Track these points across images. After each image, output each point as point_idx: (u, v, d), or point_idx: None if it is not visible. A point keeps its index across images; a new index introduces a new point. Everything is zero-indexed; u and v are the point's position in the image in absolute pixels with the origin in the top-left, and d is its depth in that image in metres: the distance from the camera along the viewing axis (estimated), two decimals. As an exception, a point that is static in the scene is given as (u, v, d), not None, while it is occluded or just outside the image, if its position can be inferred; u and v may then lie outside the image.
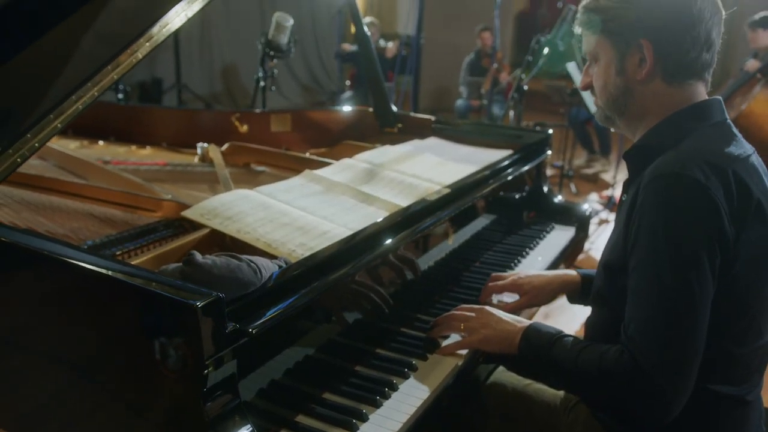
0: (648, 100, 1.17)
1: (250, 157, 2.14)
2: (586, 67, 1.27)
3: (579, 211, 2.22)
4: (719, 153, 1.08)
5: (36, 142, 1.14)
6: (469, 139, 2.26)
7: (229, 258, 0.98)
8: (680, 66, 1.13)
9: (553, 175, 5.38)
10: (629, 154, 1.22)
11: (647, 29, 1.12)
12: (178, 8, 1.36)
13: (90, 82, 1.20)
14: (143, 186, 1.67)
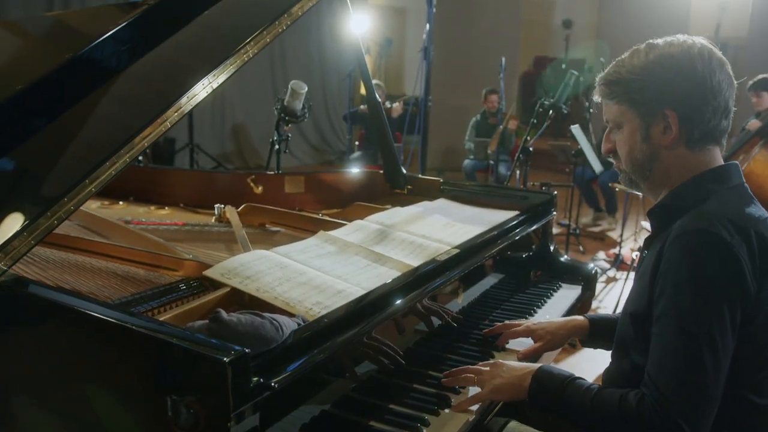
0: (672, 165, 1.25)
1: (266, 218, 2.21)
2: (606, 133, 1.36)
3: (585, 270, 2.27)
4: (741, 214, 1.16)
5: (72, 205, 1.21)
6: (477, 200, 2.33)
7: (254, 316, 1.04)
8: (703, 133, 1.22)
9: (560, 234, 5.44)
10: (653, 212, 1.31)
11: (671, 100, 1.21)
12: (204, 81, 1.46)
13: (123, 149, 1.29)
14: (164, 245, 1.74)
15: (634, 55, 1.27)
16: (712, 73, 1.19)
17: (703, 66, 1.20)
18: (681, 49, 1.22)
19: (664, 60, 1.22)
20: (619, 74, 1.26)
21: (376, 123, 2.46)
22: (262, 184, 2.51)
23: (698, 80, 1.19)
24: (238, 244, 1.93)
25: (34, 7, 7.43)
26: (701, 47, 1.22)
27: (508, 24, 8.94)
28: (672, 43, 1.24)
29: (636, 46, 1.29)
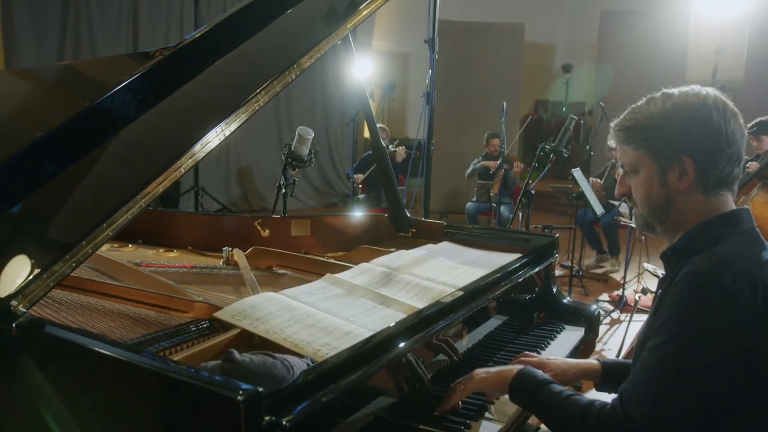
0: (688, 209, 1.30)
1: (273, 261, 2.26)
2: (621, 177, 1.40)
3: (588, 311, 2.29)
4: (747, 258, 1.21)
5: (89, 248, 1.26)
6: (480, 242, 2.37)
7: (265, 356, 1.07)
8: (717, 180, 1.27)
9: (563, 275, 5.45)
10: (666, 254, 1.36)
11: (689, 147, 1.26)
12: (217, 129, 1.52)
13: (139, 194, 1.34)
14: (175, 288, 1.77)
15: (650, 102, 1.32)
16: (727, 123, 1.26)
17: (718, 116, 1.25)
18: (697, 99, 1.28)
19: (681, 109, 1.27)
20: (637, 120, 1.32)
21: (381, 168, 2.52)
22: (269, 227, 2.56)
23: (714, 130, 1.25)
24: (246, 287, 1.97)
25: (47, 54, 7.62)
26: (716, 98, 1.28)
27: (509, 68, 9.11)
28: (688, 93, 1.30)
29: (651, 95, 1.35)
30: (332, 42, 1.86)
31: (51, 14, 7.59)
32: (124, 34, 8.20)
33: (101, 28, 7.98)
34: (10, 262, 1.26)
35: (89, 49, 7.90)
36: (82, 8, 7.79)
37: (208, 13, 8.70)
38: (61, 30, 7.71)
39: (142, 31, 8.30)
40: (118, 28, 8.13)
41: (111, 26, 8.07)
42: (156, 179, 1.38)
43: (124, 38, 8.21)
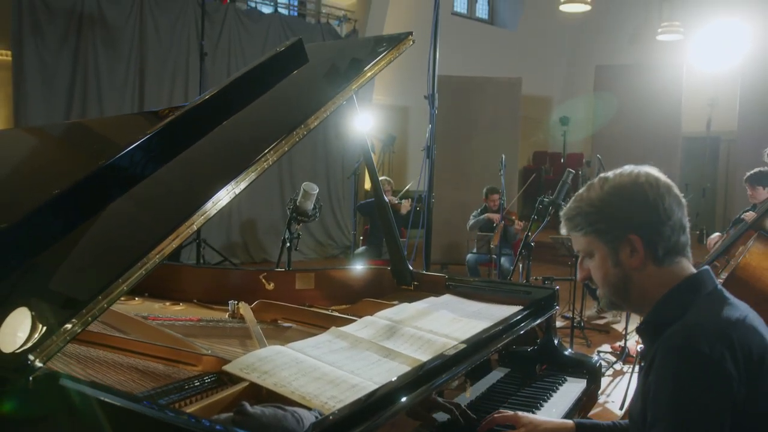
0: (646, 283, 1.35)
1: (278, 314, 2.29)
2: (579, 262, 1.46)
3: (589, 363, 2.32)
4: (719, 321, 1.23)
5: (105, 302, 1.30)
6: (482, 295, 2.41)
7: (276, 408, 1.11)
8: (666, 251, 1.33)
9: (564, 327, 5.45)
10: (640, 329, 1.40)
11: (632, 226, 1.32)
12: (228, 187, 1.58)
13: (153, 250, 1.39)
14: (183, 341, 1.81)
15: (590, 188, 1.40)
16: (662, 197, 1.32)
17: (653, 192, 1.32)
18: (630, 179, 1.35)
19: (617, 190, 1.35)
20: (580, 208, 1.39)
21: (384, 222, 2.58)
22: (274, 280, 2.60)
23: (651, 206, 1.32)
24: (252, 340, 2.00)
25: (55, 106, 7.79)
26: (647, 176, 1.36)
27: (507, 121, 9.29)
28: (622, 174, 1.37)
29: (590, 181, 1.43)
30: (338, 102, 1.95)
31: (61, 68, 7.80)
32: (130, 89, 8.39)
33: (108, 83, 8.18)
34: (27, 317, 1.30)
35: (96, 103, 8.09)
36: (91, 63, 8.00)
37: (213, 69, 8.93)
38: (70, 83, 7.90)
39: (148, 86, 8.50)
40: (124, 83, 8.33)
41: (118, 81, 8.27)
42: (169, 236, 1.44)
43: (130, 92, 8.41)
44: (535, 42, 13.36)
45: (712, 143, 11.30)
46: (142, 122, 2.85)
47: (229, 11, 9.18)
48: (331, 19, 10.49)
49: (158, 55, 8.57)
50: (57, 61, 7.80)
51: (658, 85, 10.01)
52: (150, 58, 8.50)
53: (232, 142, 1.87)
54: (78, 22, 7.87)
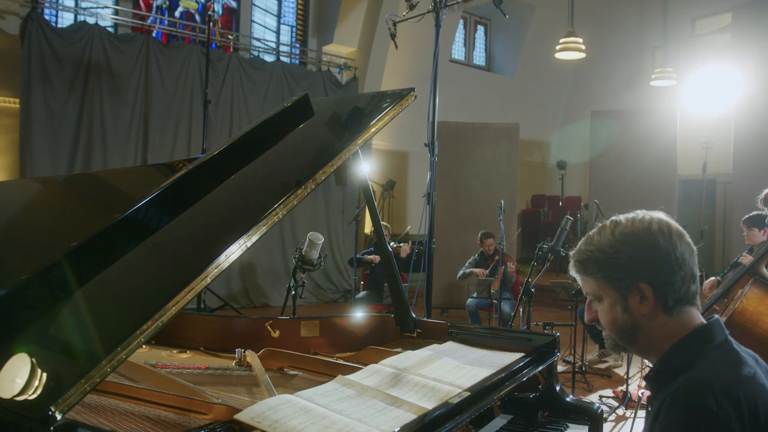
0: (655, 331, 1.35)
1: (284, 362, 2.33)
2: (588, 304, 1.46)
3: (591, 409, 2.34)
4: (728, 377, 1.23)
5: (124, 354, 1.36)
6: (483, 342, 2.46)
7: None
8: (676, 300, 1.32)
9: (566, 371, 5.46)
10: (649, 377, 1.39)
11: (643, 274, 1.32)
12: (240, 241, 1.65)
13: (170, 302, 1.45)
14: (193, 389, 1.85)
15: (601, 232, 1.39)
16: (674, 246, 1.33)
17: (665, 241, 1.33)
18: (642, 226, 1.35)
19: (629, 237, 1.34)
20: (590, 252, 1.38)
21: (387, 271, 2.64)
22: (279, 328, 2.65)
23: (663, 255, 1.32)
24: (259, 388, 2.04)
25: (60, 152, 7.92)
26: (659, 222, 1.36)
27: (505, 166, 9.42)
28: (634, 220, 1.37)
29: (602, 223, 1.42)
30: (344, 157, 2.03)
31: (67, 115, 7.96)
32: (134, 135, 8.55)
33: (113, 129, 8.34)
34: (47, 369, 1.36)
35: (101, 149, 8.23)
36: (96, 110, 8.17)
37: (216, 115, 9.11)
38: (76, 130, 8.06)
39: (152, 133, 8.65)
40: (129, 129, 8.49)
41: (122, 127, 8.43)
42: (185, 288, 1.50)
43: (134, 139, 8.55)
44: (533, 88, 13.63)
45: (709, 185, 11.43)
46: (155, 174, 2.93)
47: (232, 60, 9.41)
48: (332, 67, 10.73)
49: (162, 103, 8.75)
50: (64, 108, 7.98)
51: (654, 129, 10.19)
52: (154, 106, 8.68)
53: (243, 195, 1.95)
54: (85, 71, 8.07)
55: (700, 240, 11.14)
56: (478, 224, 8.10)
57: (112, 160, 8.33)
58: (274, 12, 10.81)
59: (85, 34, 8.06)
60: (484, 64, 14.07)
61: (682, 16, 12.40)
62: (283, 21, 10.92)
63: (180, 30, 9.66)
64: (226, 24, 10.35)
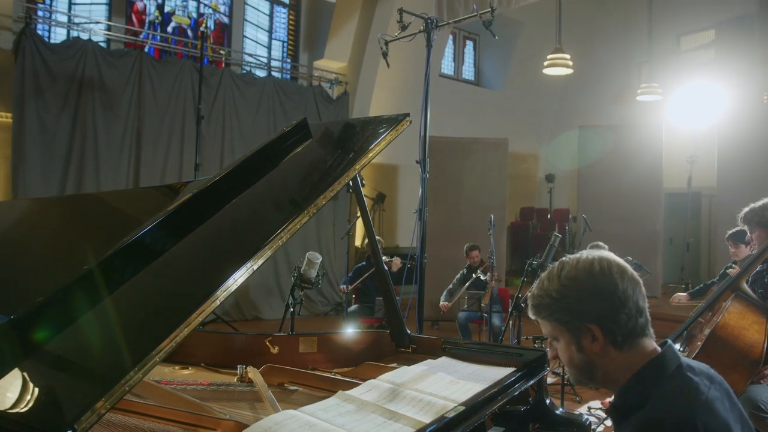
0: (609, 367, 1.43)
1: (285, 378, 2.42)
2: (549, 343, 1.55)
3: (579, 421, 2.44)
4: (681, 408, 1.31)
5: (140, 374, 1.44)
6: (476, 357, 2.55)
7: (302, 470, 1.24)
8: (625, 335, 1.41)
9: (555, 383, 5.55)
10: (609, 411, 1.49)
11: (589, 316, 1.41)
12: (247, 264, 1.74)
13: (184, 323, 1.54)
14: (200, 405, 1.93)
15: (550, 277, 1.47)
16: (615, 286, 1.40)
17: (606, 282, 1.40)
18: (584, 268, 1.43)
19: (573, 282, 1.42)
20: (541, 297, 1.47)
21: (382, 287, 2.73)
22: (278, 344, 2.73)
23: (606, 296, 1.40)
24: (262, 403, 2.12)
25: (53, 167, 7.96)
26: (600, 262, 1.42)
27: (494, 180, 9.56)
28: (577, 262, 1.45)
29: (551, 266, 1.50)
30: (344, 182, 2.13)
31: (60, 129, 8.00)
32: (127, 150, 8.59)
33: (106, 144, 8.37)
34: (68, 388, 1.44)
35: (93, 163, 8.26)
36: (90, 125, 8.21)
37: (208, 130, 9.18)
38: (68, 145, 8.09)
39: (145, 147, 8.70)
40: (121, 144, 8.52)
41: (115, 142, 8.47)
42: (197, 310, 1.59)
43: (127, 153, 8.59)
44: (521, 102, 13.82)
45: (694, 198, 11.63)
46: (158, 197, 3.01)
47: (224, 75, 9.50)
48: (323, 82, 10.85)
49: (155, 118, 8.81)
50: (56, 123, 8.02)
51: (640, 143, 10.40)
52: (147, 121, 8.73)
53: (248, 220, 2.04)
54: (78, 86, 8.12)
55: (686, 252, 11.34)
56: (468, 237, 8.21)
57: (105, 174, 8.37)
58: (266, 27, 10.93)
59: (78, 50, 8.12)
60: (473, 78, 14.26)
61: (667, 33, 12.64)
62: (275, 36, 11.04)
63: (172, 45, 9.75)
64: (218, 39, 10.45)
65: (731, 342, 3.17)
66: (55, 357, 1.60)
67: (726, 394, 1.41)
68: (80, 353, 1.60)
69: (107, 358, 1.57)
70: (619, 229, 9.39)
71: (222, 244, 1.99)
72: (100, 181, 8.30)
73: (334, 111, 10.66)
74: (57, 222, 2.66)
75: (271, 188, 2.27)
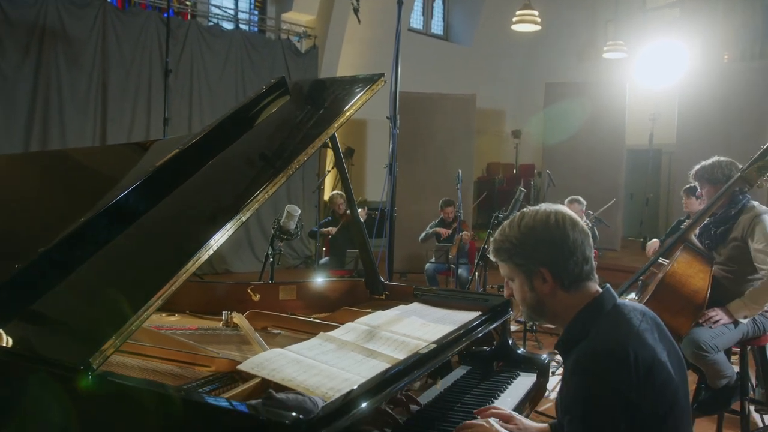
0: (557, 305, 1.67)
1: (268, 322, 2.59)
2: (506, 282, 1.77)
3: (539, 360, 2.67)
4: (615, 339, 1.54)
5: (145, 314, 1.59)
6: (445, 303, 2.75)
7: (297, 394, 1.41)
8: (572, 279, 1.63)
9: (518, 330, 5.85)
10: (558, 345, 1.72)
11: (541, 260, 1.63)
12: (238, 216, 1.88)
13: (182, 269, 1.69)
14: (194, 346, 2.09)
15: (511, 225, 1.68)
16: (567, 236, 1.61)
17: (559, 232, 1.61)
18: (541, 219, 1.64)
19: (530, 231, 1.63)
20: (502, 242, 1.68)
21: (357, 238, 2.90)
22: (259, 292, 2.89)
23: (558, 244, 1.61)
24: (248, 345, 2.29)
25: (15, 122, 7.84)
26: (556, 215, 1.64)
27: (462, 135, 9.74)
28: (536, 213, 1.66)
29: (513, 216, 1.71)
30: (324, 139, 2.26)
31: (21, 81, 7.85)
32: (92, 103, 8.47)
33: (70, 97, 8.25)
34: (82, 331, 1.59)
35: (58, 117, 8.15)
36: (53, 77, 8.07)
37: (176, 84, 9.07)
38: (31, 97, 7.95)
39: (111, 101, 8.59)
40: (86, 97, 8.40)
41: (80, 95, 8.34)
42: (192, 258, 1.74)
43: (93, 107, 8.48)
44: (489, 58, 13.90)
45: (654, 155, 11.98)
46: (129, 154, 3.10)
47: (191, 27, 9.37)
48: (291, 35, 10.77)
49: (121, 71, 8.68)
50: (17, 74, 7.85)
51: (605, 101, 10.65)
52: (113, 74, 8.60)
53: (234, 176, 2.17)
54: (40, 36, 7.95)
55: (645, 207, 11.75)
56: (436, 192, 8.42)
57: (71, 128, 8.27)
58: (233, -22, 10.76)
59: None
60: (441, 33, 14.25)
61: (634, -11, 12.79)
62: (242, -13, 10.87)
63: (137, -5, 9.55)
64: (184, -11, 10.25)
65: (679, 289, 3.43)
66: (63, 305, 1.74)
67: (656, 327, 1.64)
68: (87, 300, 1.74)
69: (113, 303, 1.71)
70: (582, 185, 9.67)
71: (212, 199, 2.12)
72: (66, 136, 8.21)
73: (303, 65, 10.62)
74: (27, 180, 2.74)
75: (254, 146, 2.40)
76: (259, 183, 2.05)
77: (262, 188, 2.01)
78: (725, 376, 3.44)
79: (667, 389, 1.54)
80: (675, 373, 1.57)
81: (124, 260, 1.90)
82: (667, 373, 1.55)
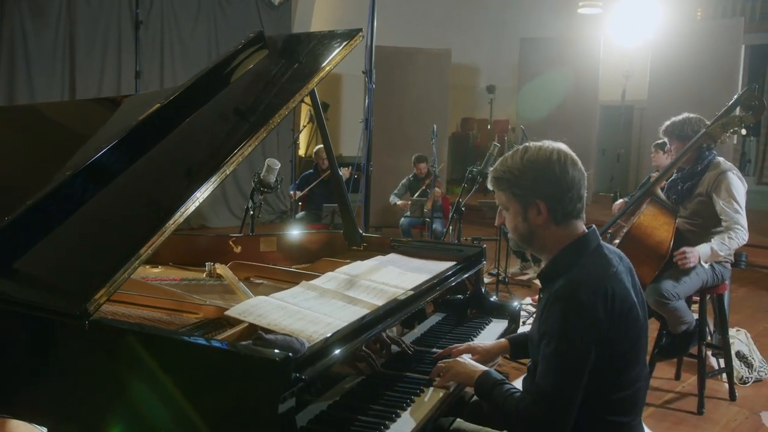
0: (546, 237, 1.76)
1: (250, 273, 2.67)
2: (499, 211, 1.87)
3: (510, 307, 2.80)
4: (597, 276, 1.66)
5: (137, 263, 1.66)
6: (421, 253, 2.85)
7: (285, 335, 1.50)
8: (564, 214, 1.73)
9: (491, 282, 6.02)
10: (541, 275, 1.83)
11: (539, 193, 1.71)
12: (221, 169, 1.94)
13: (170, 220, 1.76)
14: (181, 294, 2.17)
15: (513, 156, 1.76)
16: (566, 172, 1.70)
17: (560, 168, 1.70)
18: (544, 154, 1.72)
19: (532, 164, 1.70)
20: (503, 172, 1.75)
21: (338, 192, 2.98)
22: (241, 244, 2.96)
23: (557, 179, 1.70)
24: (232, 295, 2.38)
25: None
26: (558, 152, 1.72)
27: (437, 90, 9.75)
28: (539, 150, 1.73)
29: (517, 146, 1.79)
30: (304, 94, 2.31)
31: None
32: (60, 57, 8.27)
33: (36, 51, 8.04)
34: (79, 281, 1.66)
35: (25, 71, 7.96)
36: (18, 29, 7.85)
37: (146, 36, 8.88)
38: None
39: (80, 54, 8.40)
40: (53, 51, 8.20)
41: (46, 48, 8.13)
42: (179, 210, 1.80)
43: (60, 60, 8.28)
44: (464, 12, 13.78)
45: (626, 112, 12.14)
46: (100, 109, 3.10)
47: (162, -22, 9.14)
48: (265, -13, 10.56)
49: (89, 23, 8.45)
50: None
51: (579, 57, 10.71)
52: (80, 25, 8.37)
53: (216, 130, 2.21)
54: (1, -15, 7.70)
55: (616, 162, 11.96)
56: (411, 147, 8.47)
57: (38, 81, 8.08)
58: (203, -74, 10.43)
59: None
60: (416, -15, 14.04)
61: (609, -57, 12.70)
62: (213, -64, 10.56)
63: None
64: (153, -62, 9.93)
65: (644, 240, 3.58)
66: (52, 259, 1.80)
67: (630, 273, 1.77)
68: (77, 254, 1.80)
69: (102, 255, 1.77)
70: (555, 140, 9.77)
71: (196, 153, 2.17)
72: (34, 89, 8.04)
73: (277, 18, 10.46)
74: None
75: (232, 101, 2.44)
76: (240, 137, 2.09)
77: (245, 142, 2.05)
78: (685, 322, 3.64)
79: (633, 329, 1.68)
80: (641, 316, 1.71)
81: (109, 215, 1.95)
82: (636, 313, 1.68)
